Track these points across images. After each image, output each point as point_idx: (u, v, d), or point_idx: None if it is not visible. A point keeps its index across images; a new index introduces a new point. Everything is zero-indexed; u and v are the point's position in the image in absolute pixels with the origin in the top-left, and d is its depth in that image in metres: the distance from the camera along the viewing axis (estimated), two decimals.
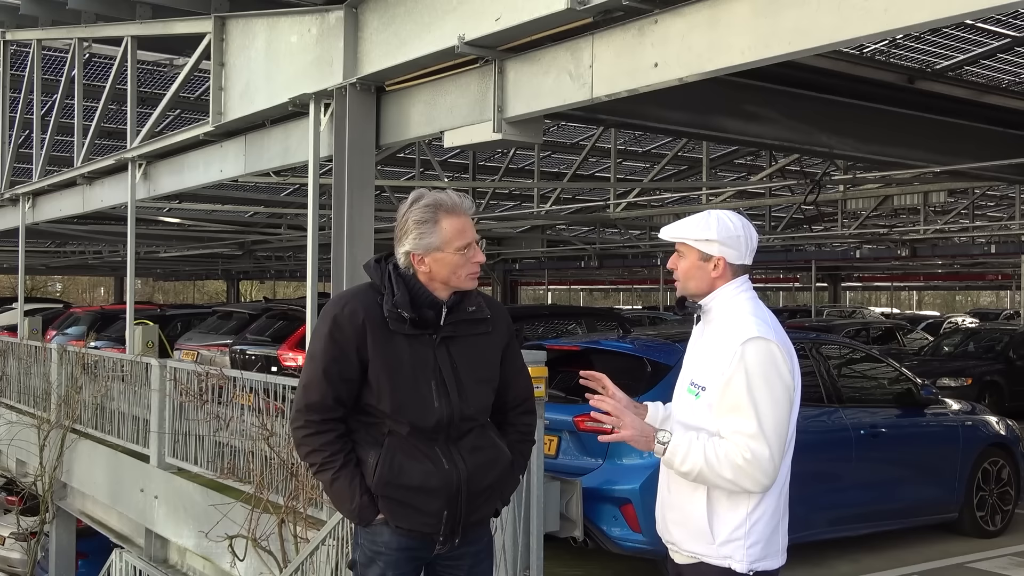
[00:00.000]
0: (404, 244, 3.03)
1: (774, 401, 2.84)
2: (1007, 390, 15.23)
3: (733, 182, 17.77)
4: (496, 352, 3.17)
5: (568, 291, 53.13)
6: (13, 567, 13.21)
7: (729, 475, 2.82)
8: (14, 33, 12.53)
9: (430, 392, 3.00)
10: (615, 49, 5.33)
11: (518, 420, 3.26)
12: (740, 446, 2.81)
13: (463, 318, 3.09)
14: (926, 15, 4.10)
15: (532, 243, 25.95)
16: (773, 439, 2.82)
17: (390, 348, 2.98)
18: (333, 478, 2.99)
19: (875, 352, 8.29)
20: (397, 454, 3.00)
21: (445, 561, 3.15)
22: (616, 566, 6.33)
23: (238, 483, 7.38)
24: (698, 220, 3.04)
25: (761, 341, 2.85)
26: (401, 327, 3.00)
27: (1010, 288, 42.06)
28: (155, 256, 28.68)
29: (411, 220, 3.01)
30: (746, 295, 3.02)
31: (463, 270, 3.04)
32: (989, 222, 21.37)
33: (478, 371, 3.10)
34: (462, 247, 3.01)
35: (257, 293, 53.99)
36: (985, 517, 7.59)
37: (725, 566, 2.91)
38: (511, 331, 3.27)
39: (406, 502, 3.01)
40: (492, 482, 3.12)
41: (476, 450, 3.08)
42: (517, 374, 3.27)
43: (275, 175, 12.17)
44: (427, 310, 3.03)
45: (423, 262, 3.02)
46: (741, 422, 2.82)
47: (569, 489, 5.71)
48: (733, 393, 2.84)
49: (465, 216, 3.04)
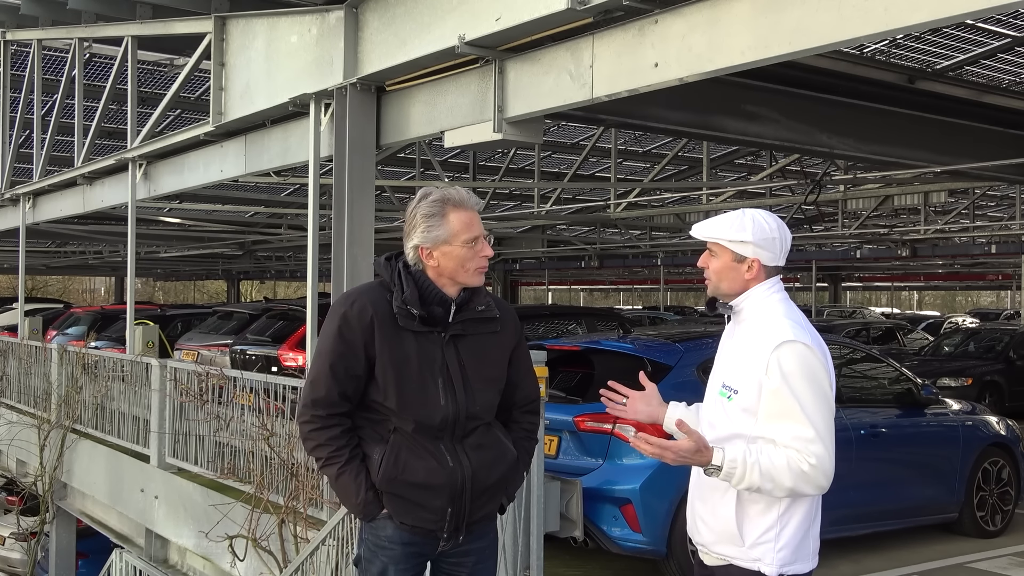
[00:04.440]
0: (412, 238, 3.06)
1: (820, 402, 2.82)
2: (1007, 390, 15.23)
3: (733, 182, 17.77)
4: (504, 352, 3.20)
5: (568, 291, 53.14)
6: (13, 567, 13.21)
7: (790, 484, 2.78)
8: (14, 33, 12.53)
9: (436, 390, 3.02)
10: (615, 49, 5.33)
11: (523, 419, 3.29)
12: (803, 452, 2.77)
13: (472, 316, 3.11)
14: (926, 15, 4.10)
15: (532, 243, 25.96)
16: (828, 439, 2.81)
17: (398, 345, 3.01)
18: (339, 472, 3.02)
19: (875, 352, 8.28)
20: (402, 451, 3.02)
21: (449, 558, 3.16)
22: (616, 566, 6.33)
23: (238, 483, 7.39)
24: (733, 220, 2.99)
25: (796, 344, 2.82)
26: (410, 324, 3.02)
27: (1010, 288, 42.06)
28: (155, 256, 28.68)
29: (419, 214, 3.05)
30: (778, 296, 2.98)
31: (471, 264, 3.06)
32: (989, 222, 21.36)
33: (485, 370, 3.12)
34: (469, 240, 3.05)
35: (257, 293, 54.01)
36: (985, 517, 7.58)
37: (755, 569, 2.88)
38: (520, 332, 3.29)
39: (410, 498, 3.03)
40: (497, 479, 3.14)
41: (481, 448, 3.10)
42: (525, 375, 3.29)
43: (275, 175, 12.17)
44: (436, 307, 3.05)
45: (431, 256, 3.05)
46: (797, 428, 2.79)
47: (569, 489, 5.71)
48: (780, 400, 2.80)
49: (472, 210, 3.08)
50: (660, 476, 5.74)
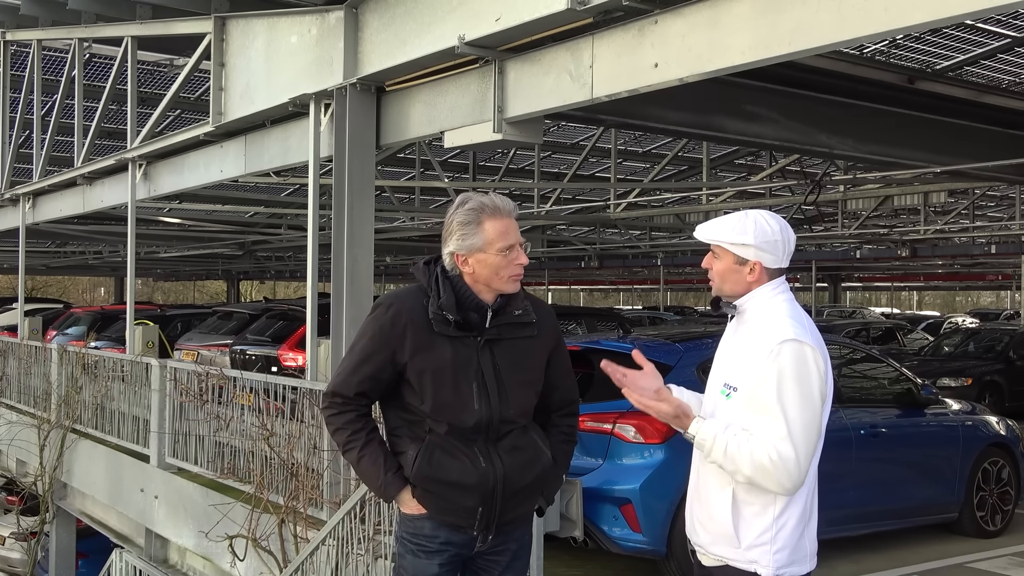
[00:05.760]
0: (449, 245, 3.10)
1: (804, 404, 2.81)
2: (1007, 390, 15.23)
3: (733, 182, 17.77)
4: (541, 355, 3.22)
5: (568, 291, 53.14)
6: (13, 567, 13.21)
7: (748, 472, 2.80)
8: (14, 33, 12.54)
9: (471, 394, 3.06)
10: (615, 49, 5.33)
11: (562, 422, 3.33)
12: (768, 446, 2.78)
13: (509, 321, 3.14)
14: (926, 15, 4.10)
15: (532, 243, 25.91)
16: (801, 442, 2.79)
17: (433, 349, 3.05)
18: (359, 457, 3.11)
19: (875, 352, 8.28)
20: (436, 450, 3.08)
21: (485, 556, 3.21)
22: (616, 566, 6.33)
23: (238, 483, 7.38)
24: (735, 222, 2.99)
25: (796, 343, 2.82)
26: (445, 329, 3.06)
27: (1010, 288, 42.06)
28: (155, 256, 28.68)
29: (455, 222, 3.08)
30: (783, 296, 2.98)
31: (505, 271, 3.08)
32: (989, 222, 21.37)
33: (521, 374, 3.15)
34: (504, 248, 3.06)
35: (257, 293, 54.03)
36: (985, 517, 7.58)
37: (751, 570, 2.89)
38: (558, 334, 3.31)
39: (442, 495, 3.08)
40: (530, 482, 3.16)
41: (515, 450, 3.13)
42: (564, 377, 3.31)
43: (275, 175, 12.18)
44: (472, 313, 3.08)
45: (467, 263, 3.08)
46: (770, 423, 2.80)
47: (569, 489, 5.71)
48: (764, 394, 2.82)
49: (508, 218, 3.09)
50: (660, 476, 5.74)
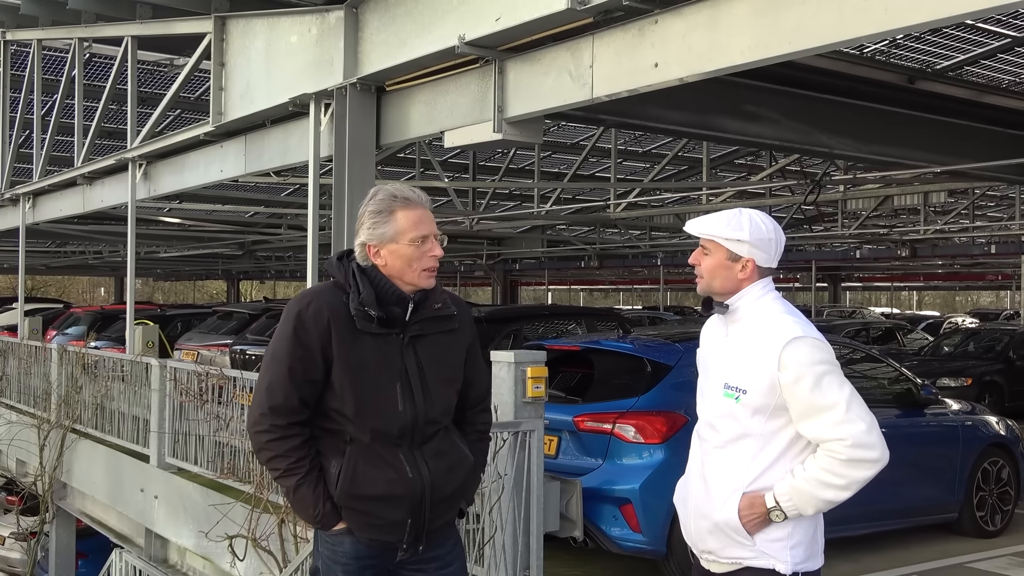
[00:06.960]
0: (360, 235, 3.01)
1: (840, 383, 2.81)
2: (1007, 390, 15.23)
3: (733, 182, 17.77)
4: (461, 351, 3.13)
5: (568, 291, 53.12)
6: (13, 567, 13.21)
7: (846, 476, 2.77)
8: (14, 33, 12.54)
9: (395, 395, 2.94)
10: (615, 49, 5.33)
11: (476, 419, 3.23)
12: (835, 442, 2.76)
13: (430, 315, 3.04)
14: (926, 15, 4.11)
15: (532, 243, 25.96)
16: (858, 413, 2.78)
17: (355, 348, 2.92)
18: (297, 484, 2.93)
19: (875, 352, 8.28)
20: (359, 463, 2.94)
21: (410, 566, 3.08)
22: (616, 566, 6.33)
23: (238, 483, 7.37)
24: (729, 218, 2.95)
25: (806, 339, 2.82)
26: (368, 326, 2.93)
27: (1010, 288, 42.04)
28: (155, 256, 28.68)
29: (367, 211, 3.01)
30: (772, 295, 2.97)
31: (418, 264, 2.98)
32: (989, 222, 21.38)
33: (444, 371, 3.05)
34: (417, 239, 2.97)
35: (257, 293, 53.98)
36: (985, 517, 7.58)
37: (769, 567, 2.85)
38: (474, 328, 3.22)
39: (369, 512, 2.96)
40: (457, 486, 3.08)
41: (440, 455, 3.02)
42: (479, 372, 3.24)
43: (275, 175, 12.18)
44: (394, 307, 2.97)
45: (379, 254, 2.99)
46: (823, 420, 2.78)
47: (569, 489, 5.71)
48: (801, 399, 2.79)
49: (421, 208, 3.01)
50: (660, 476, 5.73)
